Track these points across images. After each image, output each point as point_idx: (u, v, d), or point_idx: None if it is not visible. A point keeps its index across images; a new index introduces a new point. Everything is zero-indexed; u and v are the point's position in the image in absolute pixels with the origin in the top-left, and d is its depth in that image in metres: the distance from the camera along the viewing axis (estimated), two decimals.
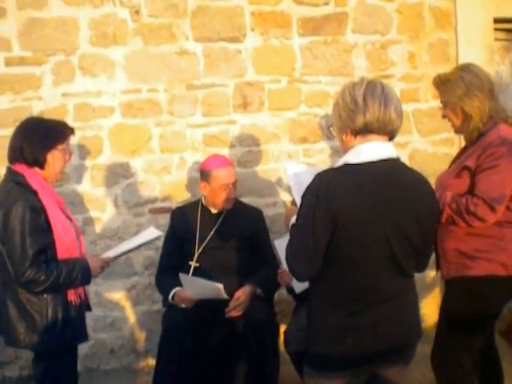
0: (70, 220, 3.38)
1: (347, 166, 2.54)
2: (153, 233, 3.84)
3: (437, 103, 3.54)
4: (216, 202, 4.25)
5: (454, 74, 3.33)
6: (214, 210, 4.32)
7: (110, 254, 3.62)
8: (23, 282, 3.09)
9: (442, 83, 3.34)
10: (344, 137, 2.60)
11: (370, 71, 5.08)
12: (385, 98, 2.50)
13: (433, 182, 2.96)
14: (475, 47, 5.21)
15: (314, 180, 2.51)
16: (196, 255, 4.23)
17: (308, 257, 2.50)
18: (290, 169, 3.40)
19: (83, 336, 3.44)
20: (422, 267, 2.82)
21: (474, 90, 3.22)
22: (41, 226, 3.13)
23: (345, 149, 2.62)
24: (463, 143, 3.53)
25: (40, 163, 3.27)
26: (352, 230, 2.44)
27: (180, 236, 4.32)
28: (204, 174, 4.24)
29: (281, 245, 3.59)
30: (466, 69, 3.32)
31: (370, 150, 2.52)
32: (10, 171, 3.29)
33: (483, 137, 3.21)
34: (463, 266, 3.25)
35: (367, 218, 2.44)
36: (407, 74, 5.26)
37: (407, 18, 5.23)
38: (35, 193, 3.18)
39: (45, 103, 4.76)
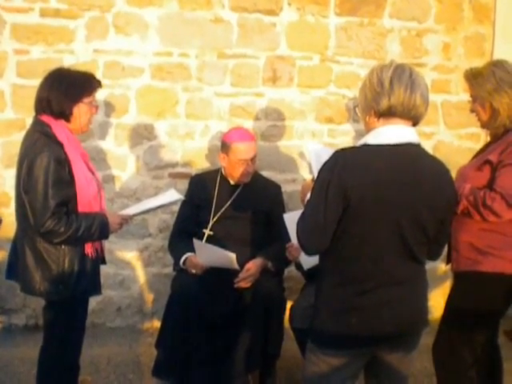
0: (93, 174, 3.40)
1: (366, 146, 2.55)
2: (173, 195, 3.84)
3: (467, 97, 3.51)
4: (233, 174, 4.26)
5: (485, 68, 3.30)
6: (232, 181, 4.33)
7: (129, 211, 3.64)
8: (42, 232, 3.13)
9: (474, 77, 3.32)
10: (367, 118, 2.60)
11: (403, 58, 5.05)
12: (412, 83, 2.49)
13: (454, 175, 2.95)
14: None
15: (331, 157, 2.52)
16: (210, 224, 4.24)
17: (318, 231, 2.52)
18: (312, 147, 3.40)
19: (96, 289, 3.48)
20: (434, 255, 2.82)
21: (504, 87, 3.19)
22: (64, 178, 3.15)
23: (367, 130, 2.63)
24: (489, 139, 3.51)
25: (66, 116, 3.27)
26: (363, 209, 2.45)
27: (196, 203, 4.32)
28: (224, 145, 4.24)
29: (290, 219, 3.59)
30: (498, 64, 3.29)
31: (390, 133, 2.53)
32: (36, 121, 3.30)
33: (509, 133, 3.20)
34: (474, 261, 3.25)
35: (379, 200, 2.45)
36: (440, 65, 5.24)
37: (446, 8, 5.18)
38: (61, 144, 3.19)
39: (76, 57, 4.77)
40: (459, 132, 5.31)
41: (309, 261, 3.64)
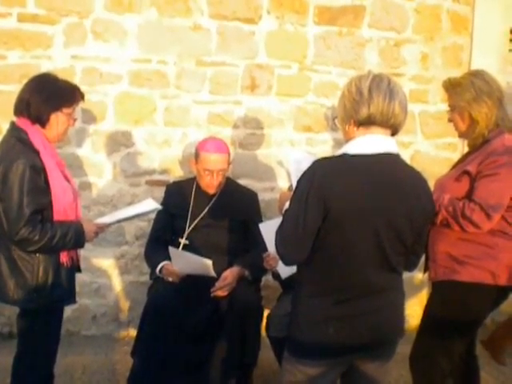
0: (69, 182, 3.36)
1: (345, 156, 2.54)
2: (151, 204, 3.80)
3: (445, 107, 3.54)
4: (200, 182, 4.25)
5: (464, 78, 3.32)
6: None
7: (106, 220, 3.60)
8: (17, 240, 3.09)
9: (452, 86, 3.34)
10: (347, 127, 2.60)
11: (381, 67, 5.07)
12: (390, 91, 2.50)
13: (431, 184, 2.96)
14: (489, 55, 5.20)
15: (310, 166, 2.52)
16: (186, 232, 4.22)
17: (297, 242, 2.51)
18: (293, 155, 3.39)
19: (71, 298, 3.44)
20: (411, 266, 2.83)
21: (483, 96, 3.21)
22: (39, 186, 3.11)
23: (347, 139, 2.62)
24: (466, 149, 3.52)
25: (42, 122, 3.24)
26: (342, 219, 2.44)
27: (172, 211, 4.29)
28: (196, 152, 4.23)
29: (265, 229, 3.59)
30: (477, 74, 3.31)
31: (370, 143, 2.53)
32: (13, 127, 3.26)
33: (487, 144, 3.21)
34: (451, 270, 3.25)
35: (358, 210, 2.45)
36: (418, 75, 5.27)
37: (424, 19, 5.22)
38: (37, 152, 3.15)
39: (53, 63, 4.73)
40: (436, 142, 5.34)
41: (286, 270, 3.63)
